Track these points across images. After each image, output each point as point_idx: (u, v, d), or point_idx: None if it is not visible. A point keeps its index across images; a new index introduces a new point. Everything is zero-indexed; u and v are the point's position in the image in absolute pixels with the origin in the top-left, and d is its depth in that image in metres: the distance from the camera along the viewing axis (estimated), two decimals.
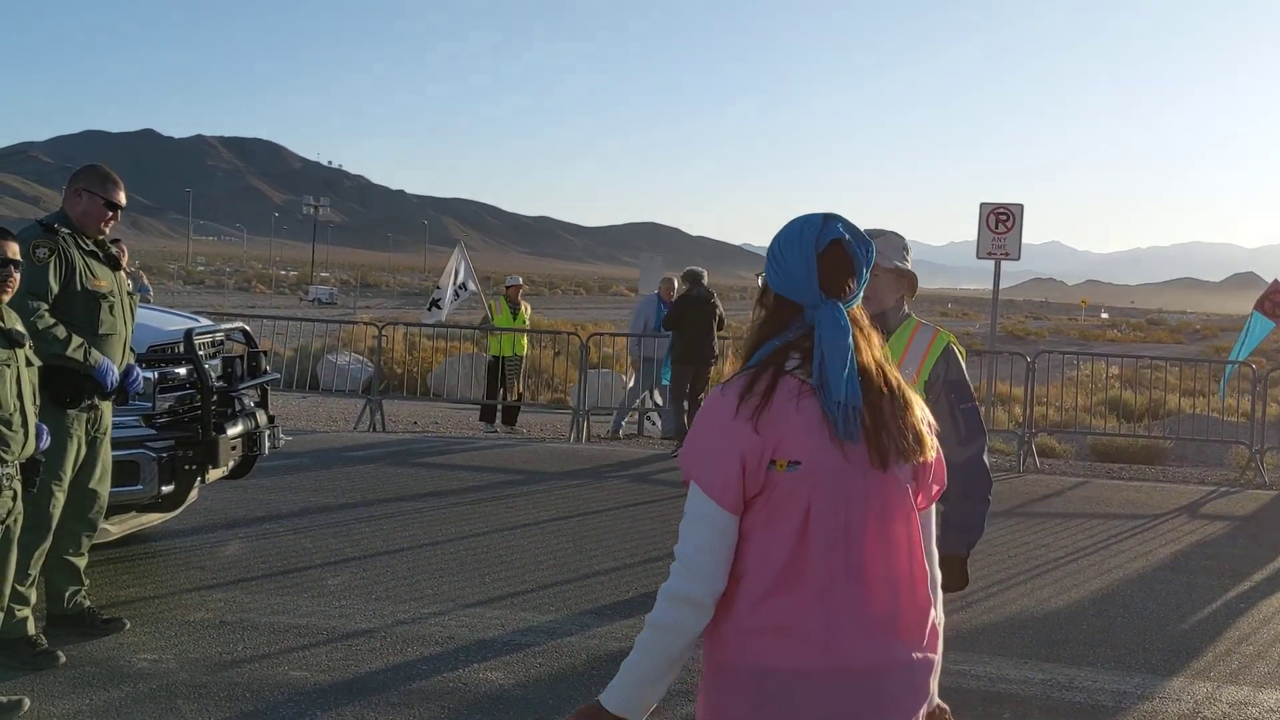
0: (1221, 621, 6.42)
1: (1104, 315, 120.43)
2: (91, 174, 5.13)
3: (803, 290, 2.08)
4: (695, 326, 11.96)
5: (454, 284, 16.69)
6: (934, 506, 2.21)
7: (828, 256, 2.07)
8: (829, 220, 2.10)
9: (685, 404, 12.05)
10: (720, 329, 12.47)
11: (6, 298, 4.32)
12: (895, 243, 3.47)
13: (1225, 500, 10.71)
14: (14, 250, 4.36)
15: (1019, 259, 13.95)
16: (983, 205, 13.99)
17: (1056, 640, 5.87)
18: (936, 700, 2.18)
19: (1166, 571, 7.54)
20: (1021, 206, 13.88)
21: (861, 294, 2.14)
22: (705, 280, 12.35)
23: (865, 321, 2.13)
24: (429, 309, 16.84)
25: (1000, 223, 13.86)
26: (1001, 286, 15.38)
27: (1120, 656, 5.67)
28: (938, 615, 2.16)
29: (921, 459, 2.07)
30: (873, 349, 2.10)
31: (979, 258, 14.18)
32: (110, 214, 5.11)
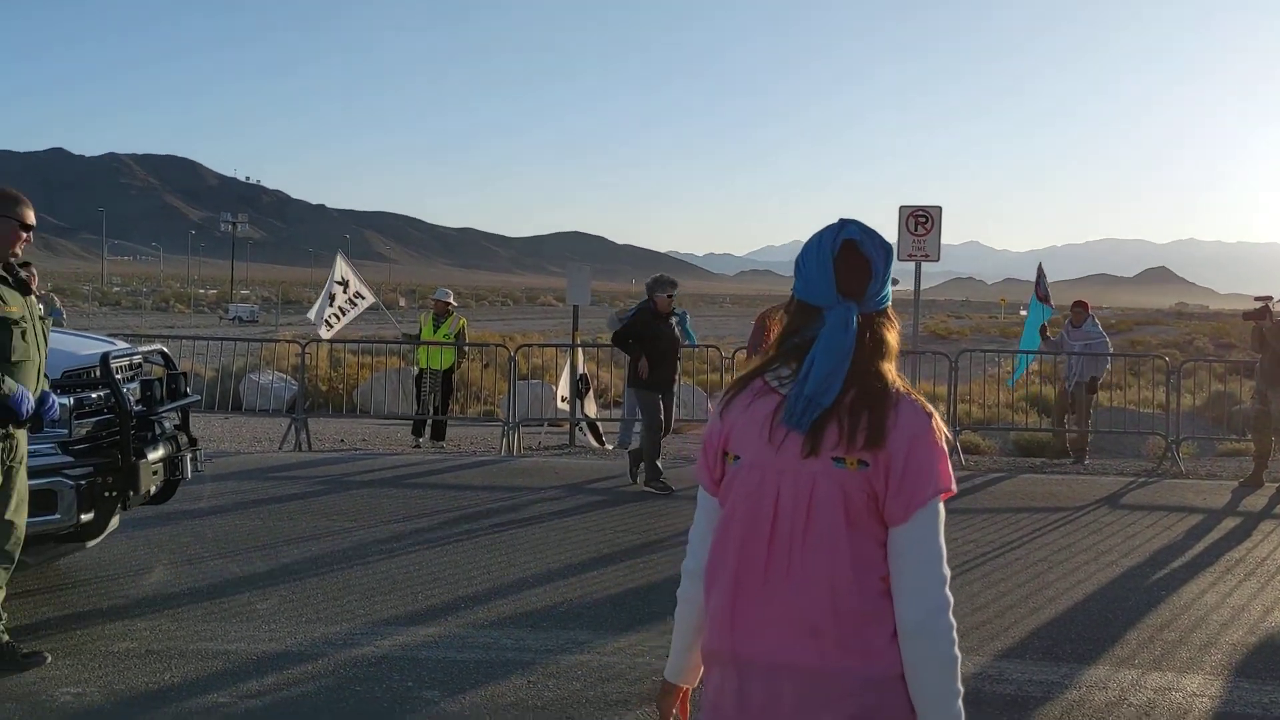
0: (1143, 609, 6.59)
1: (1023, 312, 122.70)
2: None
3: (820, 293, 2.15)
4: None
5: (333, 292, 15.41)
6: (927, 527, 2.03)
7: (843, 259, 2.15)
8: (844, 225, 2.19)
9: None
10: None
11: None
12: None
13: (1143, 490, 10.99)
14: None
15: (939, 260, 14.19)
16: (902, 208, 14.21)
17: (985, 634, 5.97)
18: None
19: (1089, 562, 7.72)
20: (940, 208, 14.11)
21: (886, 295, 2.19)
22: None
23: (889, 327, 2.17)
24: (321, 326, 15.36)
25: (919, 225, 14.09)
26: (922, 287, 15.63)
27: (1048, 647, 5.78)
28: (921, 639, 1.99)
29: (870, 453, 2.01)
30: (881, 355, 2.13)
31: (899, 260, 14.33)
32: (24, 235, 4.98)
